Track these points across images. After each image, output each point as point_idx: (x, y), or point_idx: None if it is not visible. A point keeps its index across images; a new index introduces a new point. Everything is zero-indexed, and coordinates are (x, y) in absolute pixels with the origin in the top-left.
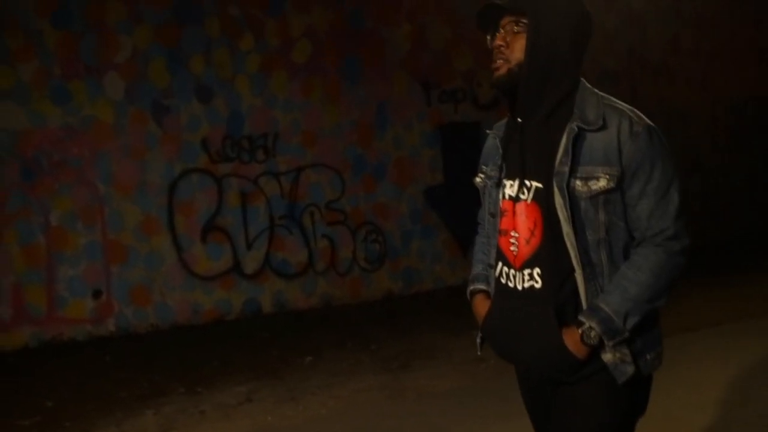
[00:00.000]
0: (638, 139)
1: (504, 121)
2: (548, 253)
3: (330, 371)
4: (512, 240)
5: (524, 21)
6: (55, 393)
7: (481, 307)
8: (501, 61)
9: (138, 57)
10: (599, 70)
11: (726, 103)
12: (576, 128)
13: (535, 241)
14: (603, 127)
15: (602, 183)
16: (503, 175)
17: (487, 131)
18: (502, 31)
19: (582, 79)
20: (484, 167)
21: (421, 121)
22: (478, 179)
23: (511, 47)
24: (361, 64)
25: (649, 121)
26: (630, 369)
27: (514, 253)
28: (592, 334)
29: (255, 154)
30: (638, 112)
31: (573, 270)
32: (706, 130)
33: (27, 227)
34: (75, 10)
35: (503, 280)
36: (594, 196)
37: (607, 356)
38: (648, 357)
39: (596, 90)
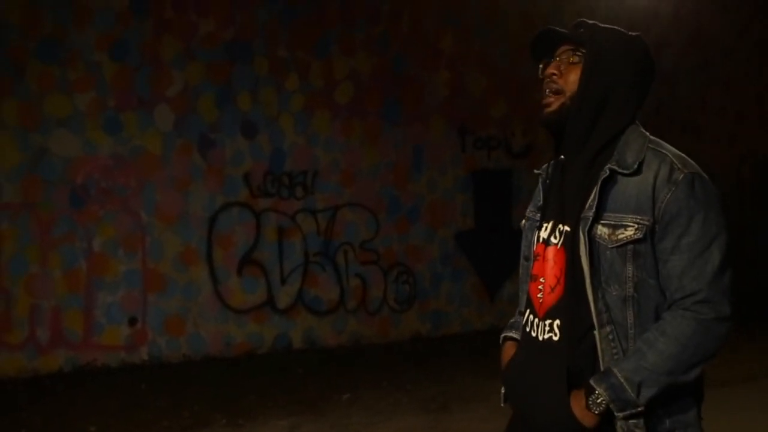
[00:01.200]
0: (676, 188)
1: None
2: (569, 304)
3: (370, 409)
4: (540, 287)
5: (582, 51)
6: (97, 418)
7: (506, 355)
8: (552, 95)
9: (189, 91)
10: None
11: (752, 161)
12: (608, 170)
13: (559, 290)
14: (638, 171)
15: (629, 232)
16: (541, 216)
17: (535, 171)
18: (556, 59)
19: (636, 122)
20: (528, 210)
21: (455, 166)
22: (523, 221)
23: (565, 77)
24: (401, 107)
25: (696, 169)
26: None
27: (540, 300)
28: (599, 400)
29: (294, 191)
30: (687, 158)
31: (593, 327)
32: (732, 188)
33: (70, 252)
34: (133, 45)
35: (528, 329)
36: (621, 246)
37: (621, 429)
38: None
39: (647, 133)
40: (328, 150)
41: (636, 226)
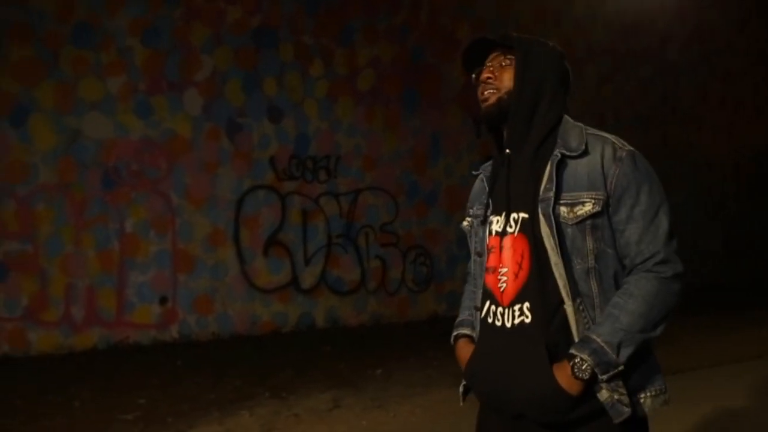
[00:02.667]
0: (622, 164)
1: (490, 162)
2: (536, 285)
3: (405, 383)
4: (500, 276)
5: (511, 56)
6: (144, 392)
7: (464, 351)
8: (490, 91)
9: (217, 76)
10: (633, 114)
11: (749, 152)
12: (559, 155)
13: (523, 275)
14: (585, 153)
15: (588, 207)
16: (490, 212)
17: (473, 172)
18: (489, 65)
19: (566, 115)
20: (470, 210)
21: (470, 152)
22: (464, 223)
23: (500, 78)
24: (419, 95)
25: (632, 147)
26: (626, 407)
27: (502, 289)
28: (584, 366)
29: (318, 175)
30: (621, 139)
31: (563, 302)
32: (729, 176)
33: (104, 233)
34: (163, 30)
35: (490, 320)
36: (580, 222)
37: (602, 394)
38: (647, 395)
39: (580, 123)
40: (350, 135)
41: (593, 201)
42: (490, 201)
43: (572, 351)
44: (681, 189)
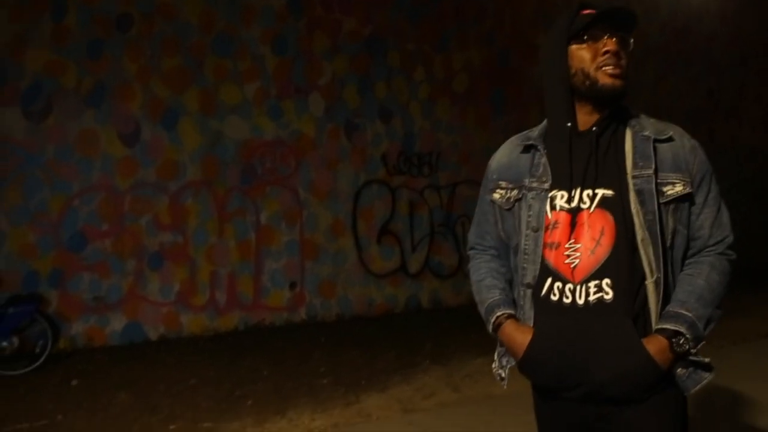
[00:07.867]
0: (698, 152)
1: (526, 132)
2: (620, 261)
3: None
4: (568, 252)
5: (631, 40)
6: (315, 363)
7: (519, 332)
8: (621, 70)
9: (336, 81)
10: (683, 110)
11: None
12: (651, 136)
13: (602, 251)
14: (670, 139)
15: (678, 188)
16: (550, 186)
17: (525, 143)
18: (620, 42)
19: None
20: (503, 183)
21: None
22: (496, 195)
23: (626, 60)
24: (506, 95)
25: None
26: (706, 374)
27: (572, 265)
28: (682, 341)
29: (422, 169)
30: None
31: (644, 278)
32: None
33: (242, 225)
34: (290, 39)
35: (554, 297)
36: (668, 202)
37: (680, 366)
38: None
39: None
40: (448, 133)
41: (683, 183)
42: (551, 175)
43: (667, 326)
44: (727, 178)
